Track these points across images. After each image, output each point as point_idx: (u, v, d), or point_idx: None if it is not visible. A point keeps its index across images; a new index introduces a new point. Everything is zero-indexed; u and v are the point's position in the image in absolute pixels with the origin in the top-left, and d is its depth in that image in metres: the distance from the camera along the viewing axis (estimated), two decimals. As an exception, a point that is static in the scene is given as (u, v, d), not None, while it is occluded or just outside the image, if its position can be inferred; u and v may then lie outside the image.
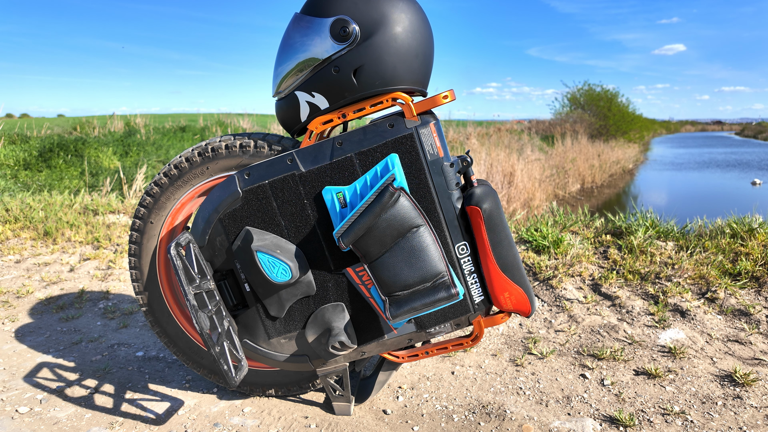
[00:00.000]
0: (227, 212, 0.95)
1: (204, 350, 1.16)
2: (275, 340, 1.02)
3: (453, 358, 1.36)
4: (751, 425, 1.07)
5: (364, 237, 0.87)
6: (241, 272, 0.97)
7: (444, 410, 1.13)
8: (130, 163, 7.42)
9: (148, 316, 1.14)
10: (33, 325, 1.63)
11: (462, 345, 1.03)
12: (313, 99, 0.95)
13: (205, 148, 1.03)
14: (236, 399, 1.18)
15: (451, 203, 0.93)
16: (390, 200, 0.86)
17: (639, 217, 2.12)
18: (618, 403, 1.15)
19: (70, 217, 2.67)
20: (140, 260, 1.11)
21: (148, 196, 1.08)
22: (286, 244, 0.95)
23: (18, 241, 2.44)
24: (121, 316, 1.70)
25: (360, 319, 0.99)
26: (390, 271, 0.88)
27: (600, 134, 16.17)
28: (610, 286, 1.72)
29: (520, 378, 1.26)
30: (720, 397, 1.16)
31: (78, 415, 1.13)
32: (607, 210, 3.00)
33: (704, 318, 1.51)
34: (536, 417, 1.10)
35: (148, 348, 1.46)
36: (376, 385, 1.13)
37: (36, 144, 6.98)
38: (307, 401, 1.18)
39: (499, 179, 6.65)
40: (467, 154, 0.95)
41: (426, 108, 0.92)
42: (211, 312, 0.90)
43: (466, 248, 0.95)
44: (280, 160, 0.93)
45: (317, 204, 0.94)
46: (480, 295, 0.97)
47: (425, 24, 0.96)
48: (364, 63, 0.91)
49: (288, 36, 0.96)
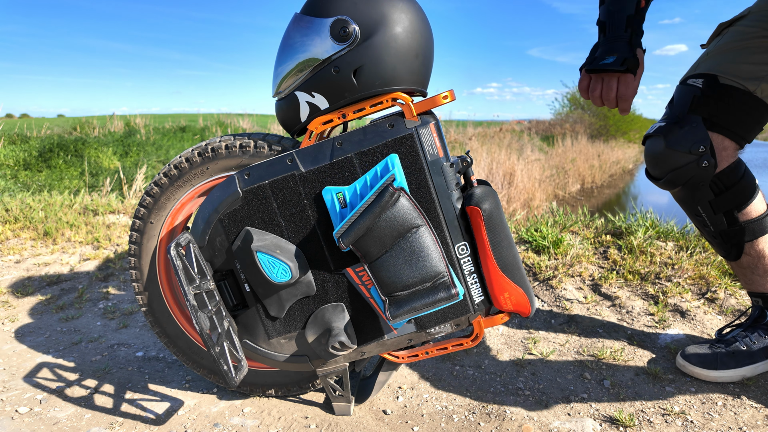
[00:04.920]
0: (227, 212, 0.95)
1: (204, 350, 1.16)
2: (275, 340, 1.02)
3: (453, 358, 1.36)
4: (751, 425, 1.07)
5: (364, 237, 0.87)
6: (241, 272, 0.97)
7: (444, 410, 1.14)
8: (130, 163, 7.42)
9: (148, 316, 1.14)
10: (33, 325, 1.63)
11: (462, 345, 1.03)
12: (313, 99, 0.95)
13: (205, 149, 1.04)
14: (236, 399, 1.18)
15: (451, 203, 0.93)
16: (390, 200, 0.86)
17: (639, 218, 2.12)
18: (618, 403, 1.15)
19: (70, 217, 2.67)
20: (140, 260, 1.11)
21: (148, 197, 1.08)
22: (286, 245, 0.95)
23: (18, 241, 2.45)
24: (121, 316, 1.70)
25: (360, 319, 0.99)
26: (390, 271, 0.88)
27: (600, 134, 16.18)
28: (610, 286, 1.72)
29: (519, 378, 1.26)
30: (720, 397, 1.16)
31: (78, 415, 1.13)
32: (607, 210, 3.00)
33: (704, 318, 1.51)
34: (536, 417, 1.10)
35: (148, 348, 1.46)
36: (376, 386, 1.13)
37: (36, 144, 6.99)
38: (307, 401, 1.18)
39: (499, 179, 6.65)
40: (467, 155, 0.95)
41: (426, 108, 0.92)
42: (211, 312, 0.90)
43: (466, 248, 0.95)
44: (280, 161, 0.93)
45: (317, 204, 0.94)
46: (480, 296, 0.97)
47: (425, 24, 0.96)
48: (364, 63, 0.91)
49: (288, 36, 0.96)
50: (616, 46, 0.97)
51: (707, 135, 1.04)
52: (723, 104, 1.06)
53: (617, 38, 0.97)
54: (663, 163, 1.10)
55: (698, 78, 1.08)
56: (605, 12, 1.02)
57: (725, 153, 1.08)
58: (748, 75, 1.06)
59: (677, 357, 1.27)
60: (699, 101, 1.06)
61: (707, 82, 1.06)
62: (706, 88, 1.06)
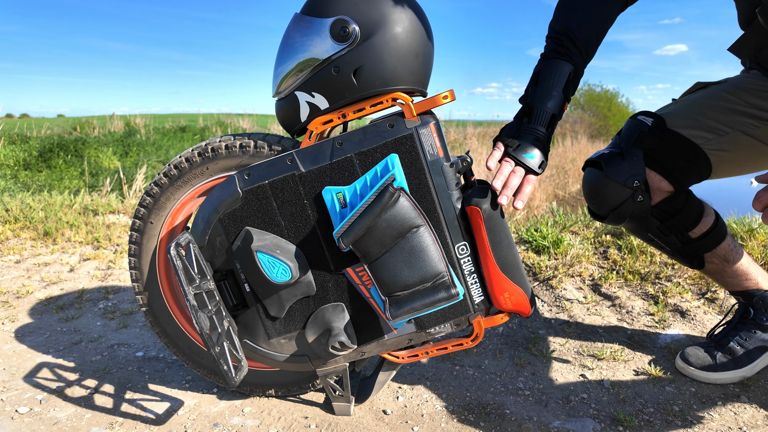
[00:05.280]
0: (227, 212, 0.95)
1: (204, 350, 1.16)
2: (275, 340, 1.02)
3: (453, 359, 1.36)
4: (752, 425, 1.07)
5: (364, 237, 0.87)
6: (241, 272, 0.97)
7: (444, 410, 1.14)
8: (130, 163, 7.42)
9: (148, 316, 1.14)
10: (33, 325, 1.63)
11: (462, 345, 1.03)
12: (313, 99, 0.95)
13: (205, 149, 1.04)
14: (236, 399, 1.18)
15: (451, 203, 0.93)
16: (390, 200, 0.86)
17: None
18: (618, 403, 1.15)
19: (70, 217, 2.67)
20: (140, 260, 1.11)
21: (148, 197, 1.08)
22: (286, 245, 0.95)
23: (18, 241, 2.45)
24: (121, 316, 1.70)
25: (360, 319, 0.99)
26: (390, 271, 0.88)
27: (600, 134, 16.18)
28: (610, 286, 1.72)
29: (519, 378, 1.26)
30: (720, 397, 1.16)
31: (78, 415, 1.13)
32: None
33: (704, 318, 1.51)
34: (536, 417, 1.10)
35: (148, 348, 1.46)
36: (376, 386, 1.13)
37: (36, 144, 6.99)
38: (307, 401, 1.18)
39: (499, 179, 6.65)
40: (467, 155, 0.95)
41: (426, 108, 0.92)
42: (211, 312, 0.90)
43: (466, 248, 0.95)
44: (280, 161, 0.93)
45: (317, 204, 0.94)
46: (480, 296, 0.97)
47: (425, 24, 0.96)
48: (364, 63, 0.91)
49: (288, 36, 0.96)
50: (538, 144, 0.98)
51: (644, 170, 1.06)
52: (666, 145, 1.08)
53: (539, 137, 0.99)
54: (601, 196, 1.11)
55: (649, 117, 1.11)
56: (535, 99, 1.01)
57: (659, 193, 1.10)
58: (699, 126, 1.09)
59: (676, 359, 1.27)
60: (643, 137, 1.08)
61: (656, 122, 1.08)
62: (654, 126, 1.08)
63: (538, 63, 1.05)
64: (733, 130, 1.08)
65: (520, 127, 1.00)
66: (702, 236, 1.14)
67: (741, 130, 1.08)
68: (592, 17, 1.03)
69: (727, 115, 1.09)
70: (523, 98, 1.04)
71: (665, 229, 1.14)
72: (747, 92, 1.10)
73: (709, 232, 1.14)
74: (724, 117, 1.09)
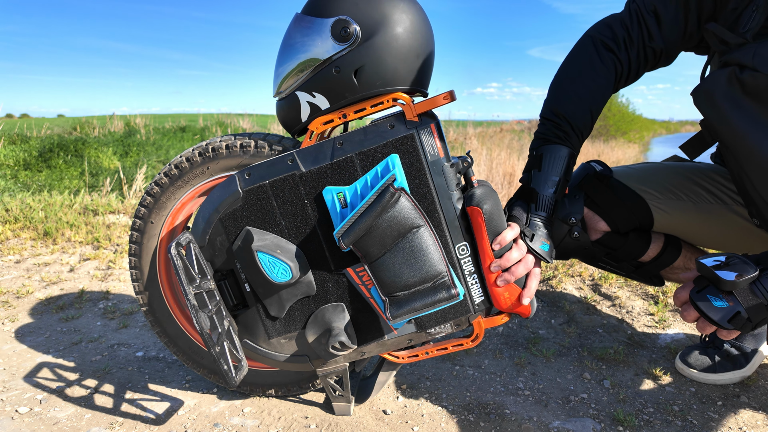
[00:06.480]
0: (227, 212, 0.95)
1: (204, 350, 1.16)
2: (275, 340, 1.02)
3: (453, 359, 1.36)
4: (752, 425, 1.07)
5: (365, 237, 0.87)
6: (241, 272, 0.97)
7: (444, 410, 1.14)
8: (130, 163, 7.42)
9: (148, 316, 1.14)
10: (33, 325, 1.63)
11: (462, 345, 1.03)
12: (313, 99, 0.95)
13: (205, 148, 1.04)
14: (236, 399, 1.18)
15: (451, 204, 0.93)
16: (390, 200, 0.86)
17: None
18: (618, 403, 1.15)
19: (70, 217, 2.67)
20: (140, 260, 1.11)
21: (149, 196, 1.08)
22: (286, 244, 0.95)
23: (18, 241, 2.45)
24: (121, 316, 1.70)
25: (360, 319, 0.99)
26: (390, 271, 0.88)
27: (600, 134, 16.19)
28: (610, 286, 1.72)
29: (519, 378, 1.26)
30: (720, 397, 1.16)
31: (78, 415, 1.13)
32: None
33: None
34: (536, 417, 1.10)
35: (148, 348, 1.46)
36: (376, 386, 1.13)
37: (36, 144, 6.99)
38: (307, 401, 1.18)
39: (500, 179, 6.65)
40: (468, 155, 0.95)
41: (426, 108, 0.92)
42: (211, 312, 0.90)
43: (466, 249, 0.95)
44: (280, 160, 0.93)
45: (318, 204, 0.94)
46: (480, 296, 0.97)
47: (426, 24, 0.96)
48: (364, 63, 0.91)
49: (289, 36, 0.96)
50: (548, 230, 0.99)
51: (582, 209, 1.07)
52: (606, 191, 1.09)
53: (547, 224, 1.00)
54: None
55: (600, 165, 1.12)
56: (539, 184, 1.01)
57: (595, 232, 1.10)
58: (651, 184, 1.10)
59: (676, 361, 1.27)
60: (589, 179, 1.09)
61: (604, 171, 1.10)
62: (601, 174, 1.09)
63: (539, 146, 1.05)
64: (688, 198, 1.10)
65: (529, 213, 1.00)
66: (653, 259, 1.13)
67: (693, 200, 1.10)
68: (587, 102, 1.04)
69: (686, 182, 1.11)
70: (526, 181, 1.03)
71: (613, 258, 1.14)
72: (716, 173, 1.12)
73: (660, 254, 1.13)
74: (683, 183, 1.11)
